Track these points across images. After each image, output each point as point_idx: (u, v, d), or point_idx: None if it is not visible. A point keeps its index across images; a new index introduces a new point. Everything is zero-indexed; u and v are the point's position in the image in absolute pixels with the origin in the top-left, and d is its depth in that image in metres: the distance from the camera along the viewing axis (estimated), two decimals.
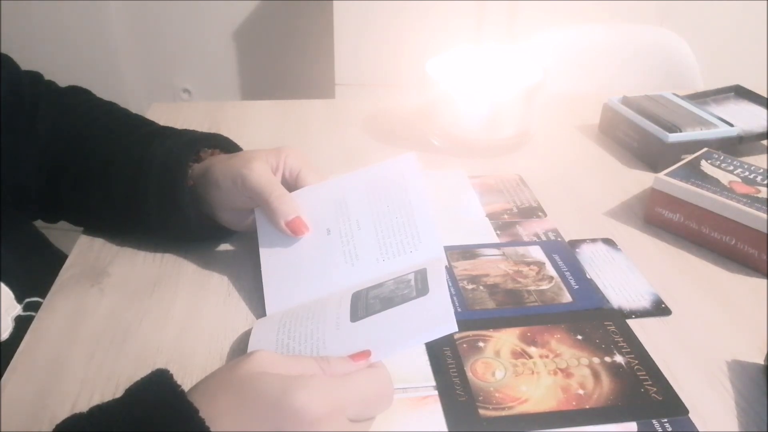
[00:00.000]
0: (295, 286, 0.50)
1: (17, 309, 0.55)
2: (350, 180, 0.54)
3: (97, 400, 0.42)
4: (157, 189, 0.53)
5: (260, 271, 0.52)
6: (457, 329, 0.40)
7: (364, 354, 0.40)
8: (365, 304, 0.44)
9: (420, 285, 0.45)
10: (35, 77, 0.63)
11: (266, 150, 0.54)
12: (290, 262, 0.51)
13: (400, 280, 0.46)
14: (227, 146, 0.59)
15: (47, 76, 0.65)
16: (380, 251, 0.49)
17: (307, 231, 0.52)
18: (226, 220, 0.55)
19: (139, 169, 0.54)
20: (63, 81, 0.66)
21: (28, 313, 0.52)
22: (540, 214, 0.64)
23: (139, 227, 0.56)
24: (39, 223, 0.65)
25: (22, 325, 0.50)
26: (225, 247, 0.58)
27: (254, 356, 0.37)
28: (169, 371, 0.36)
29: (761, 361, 0.47)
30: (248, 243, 0.57)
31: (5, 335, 0.53)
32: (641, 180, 0.72)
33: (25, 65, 0.63)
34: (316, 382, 0.35)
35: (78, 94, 0.64)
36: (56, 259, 0.57)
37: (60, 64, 1.86)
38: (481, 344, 0.47)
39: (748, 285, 0.55)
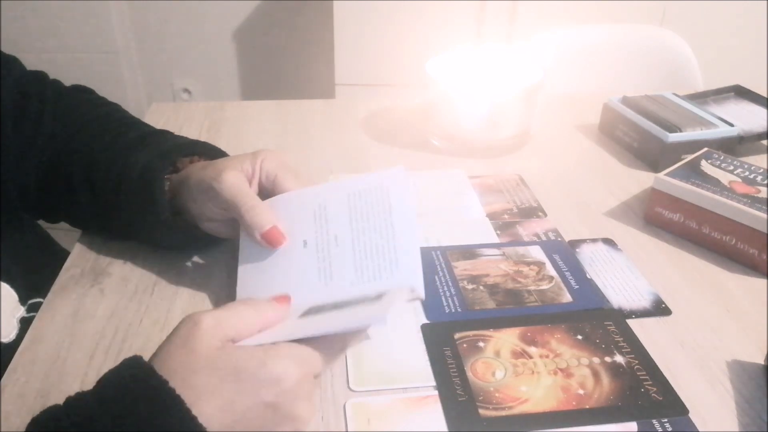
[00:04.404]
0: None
1: (21, 311, 0.55)
2: (333, 189, 0.51)
3: None
4: (136, 203, 0.52)
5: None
6: (385, 324, 0.42)
7: (285, 297, 0.43)
8: (318, 309, 0.44)
9: (375, 297, 0.43)
10: (41, 77, 0.63)
11: (241, 156, 0.52)
12: (265, 275, 0.49)
13: (360, 298, 0.44)
14: (208, 152, 0.57)
15: None
16: (356, 274, 0.46)
17: (285, 240, 0.49)
18: (212, 229, 0.53)
19: (119, 181, 0.53)
20: (63, 81, 0.66)
21: (33, 314, 0.52)
22: (540, 214, 0.65)
23: (126, 235, 0.56)
24: (43, 223, 0.65)
25: (26, 326, 0.50)
26: (225, 247, 0.58)
27: (200, 328, 0.36)
28: (141, 356, 0.36)
29: (761, 361, 0.47)
30: None
31: (11, 336, 0.53)
32: (641, 180, 0.72)
33: (25, 65, 0.63)
34: (286, 350, 0.37)
35: (80, 94, 0.64)
36: (62, 260, 0.57)
37: (60, 65, 1.87)
38: (481, 344, 0.47)
39: (748, 285, 0.55)
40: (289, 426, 0.37)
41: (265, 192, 0.52)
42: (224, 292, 0.52)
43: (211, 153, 0.57)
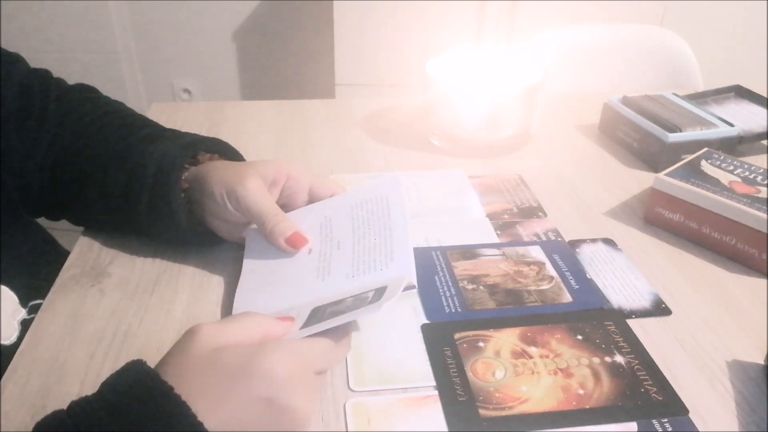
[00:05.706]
0: (263, 299, 0.49)
1: (22, 313, 0.55)
2: (338, 202, 0.54)
3: None
4: (151, 191, 0.53)
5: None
6: (379, 311, 0.40)
7: (289, 318, 0.43)
8: (321, 317, 0.44)
9: (374, 299, 0.43)
10: (44, 75, 0.63)
11: (260, 163, 0.53)
12: (267, 276, 0.51)
13: (358, 297, 0.45)
14: (226, 151, 0.58)
15: None
16: (352, 268, 0.48)
17: (307, 242, 0.52)
18: (217, 229, 0.54)
19: (134, 171, 0.54)
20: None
21: (33, 315, 0.52)
22: (540, 214, 0.65)
23: (134, 229, 0.56)
24: (45, 224, 0.65)
25: (27, 328, 0.49)
26: (225, 247, 0.58)
27: (199, 334, 0.37)
28: (143, 360, 0.36)
29: (761, 361, 0.47)
30: None
31: (12, 339, 0.53)
32: (641, 180, 0.72)
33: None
34: (277, 345, 0.37)
35: (84, 93, 0.64)
36: (62, 260, 0.57)
37: (60, 65, 1.87)
38: (481, 344, 0.47)
39: (748, 285, 0.55)
40: (287, 420, 0.36)
41: (288, 200, 0.55)
42: (224, 292, 0.52)
43: (230, 153, 0.59)
